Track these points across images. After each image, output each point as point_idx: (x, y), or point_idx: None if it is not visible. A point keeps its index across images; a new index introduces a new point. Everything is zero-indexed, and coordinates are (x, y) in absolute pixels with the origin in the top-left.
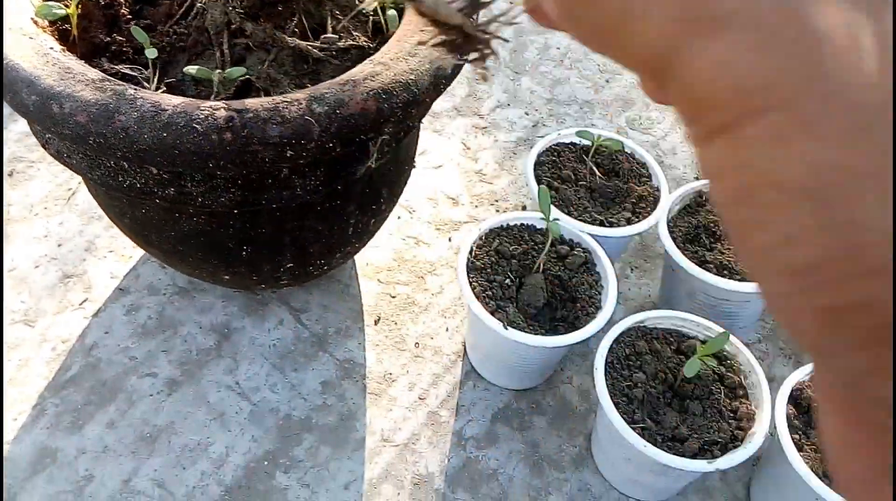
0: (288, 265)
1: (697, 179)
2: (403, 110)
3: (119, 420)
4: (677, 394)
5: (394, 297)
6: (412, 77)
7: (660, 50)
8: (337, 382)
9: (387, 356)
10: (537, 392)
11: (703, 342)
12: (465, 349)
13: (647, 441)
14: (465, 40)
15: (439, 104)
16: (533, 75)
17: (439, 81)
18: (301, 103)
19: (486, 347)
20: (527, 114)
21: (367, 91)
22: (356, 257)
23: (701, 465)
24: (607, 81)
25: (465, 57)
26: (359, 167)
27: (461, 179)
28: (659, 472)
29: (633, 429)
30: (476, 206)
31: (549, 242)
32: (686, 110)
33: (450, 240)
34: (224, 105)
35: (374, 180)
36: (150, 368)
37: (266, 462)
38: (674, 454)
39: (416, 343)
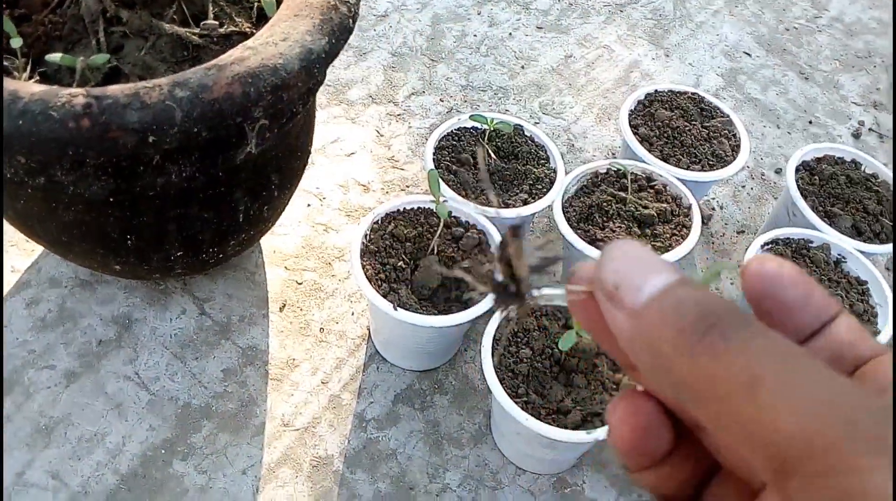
0: (178, 254)
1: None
2: (273, 94)
3: (15, 414)
4: (564, 369)
5: (300, 283)
6: (280, 61)
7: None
8: (239, 369)
9: (290, 342)
10: (440, 373)
11: None
12: (369, 332)
13: (530, 414)
14: (513, 287)
15: (354, 93)
16: (449, 63)
17: (311, 66)
18: (163, 89)
19: (385, 330)
20: (441, 100)
21: (232, 75)
22: (263, 244)
23: (580, 436)
24: (522, 68)
25: (500, 302)
26: (237, 153)
27: (373, 165)
28: (546, 445)
29: (517, 403)
30: (387, 192)
31: (442, 224)
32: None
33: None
34: (83, 92)
35: (262, 167)
36: (49, 361)
37: (163, 451)
38: (557, 426)
39: (321, 328)
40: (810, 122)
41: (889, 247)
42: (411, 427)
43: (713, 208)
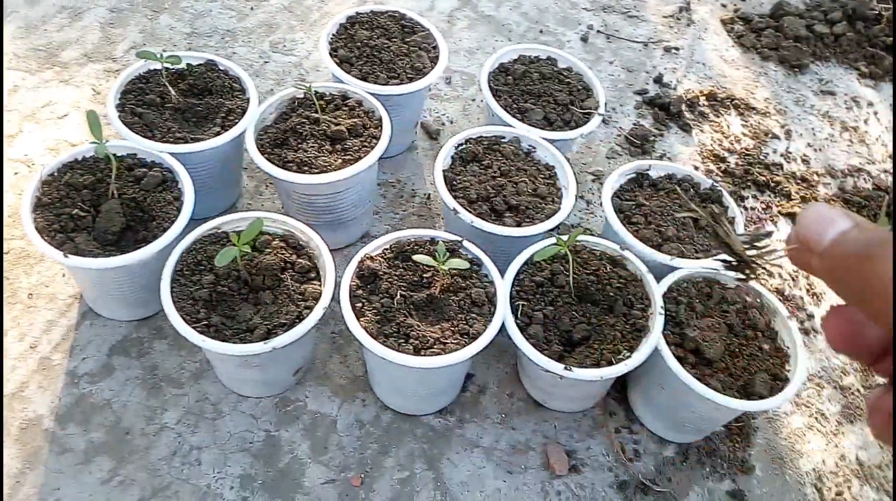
0: None
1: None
2: None
3: None
4: (252, 289)
5: (7, 253)
6: None
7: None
8: None
9: None
10: (158, 318)
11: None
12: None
13: (212, 337)
14: (739, 263)
15: (68, 54)
16: (173, 12)
17: None
18: None
19: (84, 283)
20: (164, 51)
21: None
22: None
23: (259, 347)
24: (252, 9)
25: (737, 275)
26: None
27: (87, 124)
28: (242, 364)
29: (195, 328)
30: None
31: (115, 166)
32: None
33: None
34: None
35: None
36: None
37: None
38: (243, 343)
39: (30, 294)
40: (541, 31)
41: (576, 132)
42: (127, 376)
43: (443, 124)
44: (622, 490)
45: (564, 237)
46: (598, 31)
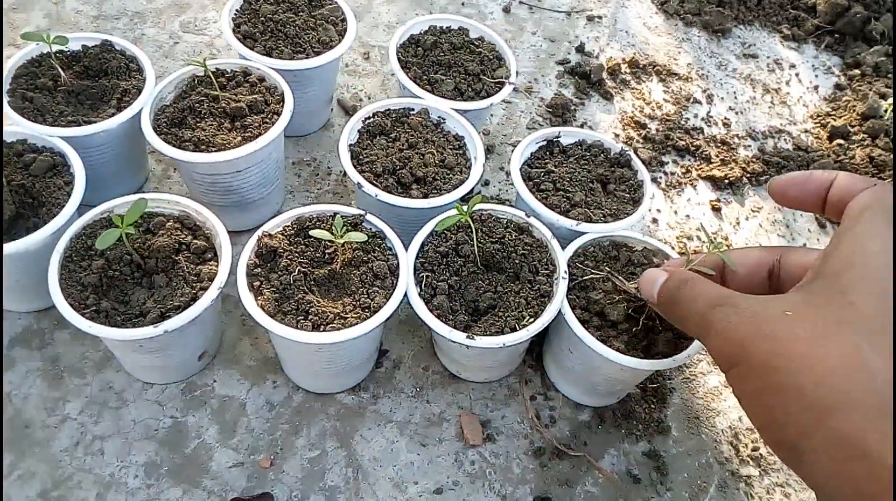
0: None
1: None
2: None
3: None
4: (146, 272)
5: None
6: None
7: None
8: None
9: None
10: None
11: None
12: None
13: (102, 322)
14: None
15: None
16: None
17: None
18: None
19: None
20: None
21: None
22: None
23: (150, 331)
24: None
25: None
26: None
27: None
28: (139, 350)
29: (84, 314)
30: None
31: (2, 153)
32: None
33: None
34: None
35: None
36: None
37: None
38: (134, 327)
39: None
40: (463, 3)
41: (486, 101)
42: (28, 368)
43: (360, 100)
44: (537, 457)
45: (465, 207)
46: (521, 3)
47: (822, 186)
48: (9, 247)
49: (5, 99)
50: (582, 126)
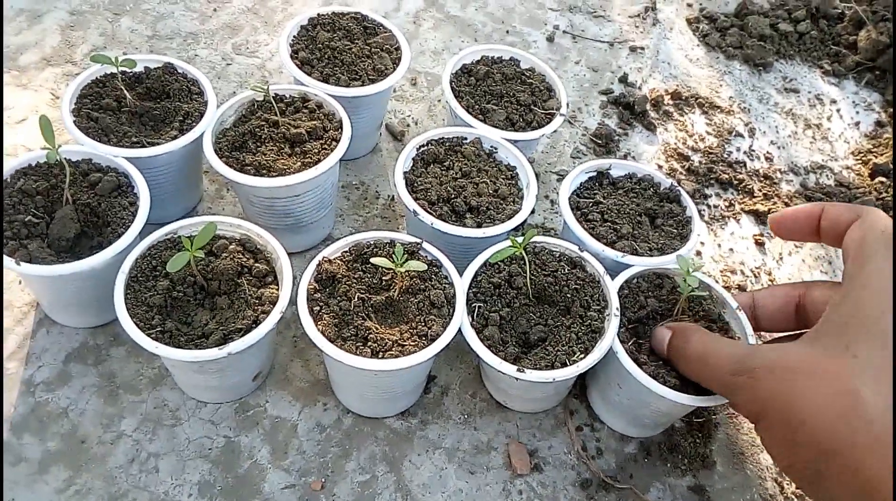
0: None
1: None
2: None
3: None
4: (209, 294)
5: None
6: None
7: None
8: None
9: None
10: (116, 325)
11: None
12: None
13: (167, 343)
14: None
15: (26, 58)
16: (134, 14)
17: None
18: None
19: (38, 290)
20: (125, 53)
21: None
22: None
23: (214, 353)
24: (215, 10)
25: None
26: None
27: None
28: (199, 371)
29: (149, 334)
30: None
31: (69, 172)
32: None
33: None
34: None
35: None
36: None
37: None
38: (198, 349)
39: None
40: (507, 31)
41: (538, 132)
42: (84, 383)
43: (408, 125)
44: (584, 489)
45: (520, 239)
46: (565, 32)
47: (812, 217)
48: (75, 265)
49: (70, 118)
50: (626, 157)
